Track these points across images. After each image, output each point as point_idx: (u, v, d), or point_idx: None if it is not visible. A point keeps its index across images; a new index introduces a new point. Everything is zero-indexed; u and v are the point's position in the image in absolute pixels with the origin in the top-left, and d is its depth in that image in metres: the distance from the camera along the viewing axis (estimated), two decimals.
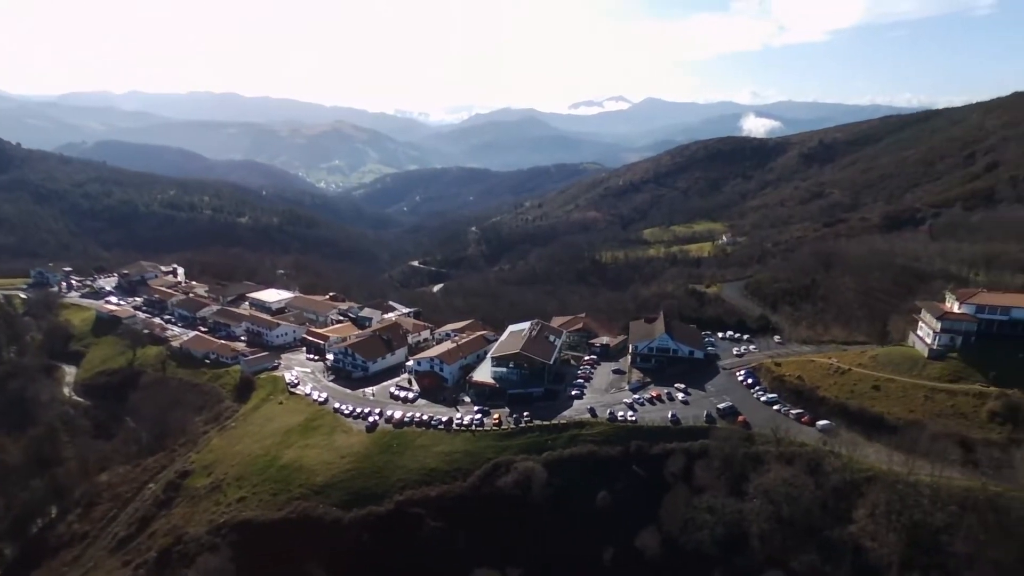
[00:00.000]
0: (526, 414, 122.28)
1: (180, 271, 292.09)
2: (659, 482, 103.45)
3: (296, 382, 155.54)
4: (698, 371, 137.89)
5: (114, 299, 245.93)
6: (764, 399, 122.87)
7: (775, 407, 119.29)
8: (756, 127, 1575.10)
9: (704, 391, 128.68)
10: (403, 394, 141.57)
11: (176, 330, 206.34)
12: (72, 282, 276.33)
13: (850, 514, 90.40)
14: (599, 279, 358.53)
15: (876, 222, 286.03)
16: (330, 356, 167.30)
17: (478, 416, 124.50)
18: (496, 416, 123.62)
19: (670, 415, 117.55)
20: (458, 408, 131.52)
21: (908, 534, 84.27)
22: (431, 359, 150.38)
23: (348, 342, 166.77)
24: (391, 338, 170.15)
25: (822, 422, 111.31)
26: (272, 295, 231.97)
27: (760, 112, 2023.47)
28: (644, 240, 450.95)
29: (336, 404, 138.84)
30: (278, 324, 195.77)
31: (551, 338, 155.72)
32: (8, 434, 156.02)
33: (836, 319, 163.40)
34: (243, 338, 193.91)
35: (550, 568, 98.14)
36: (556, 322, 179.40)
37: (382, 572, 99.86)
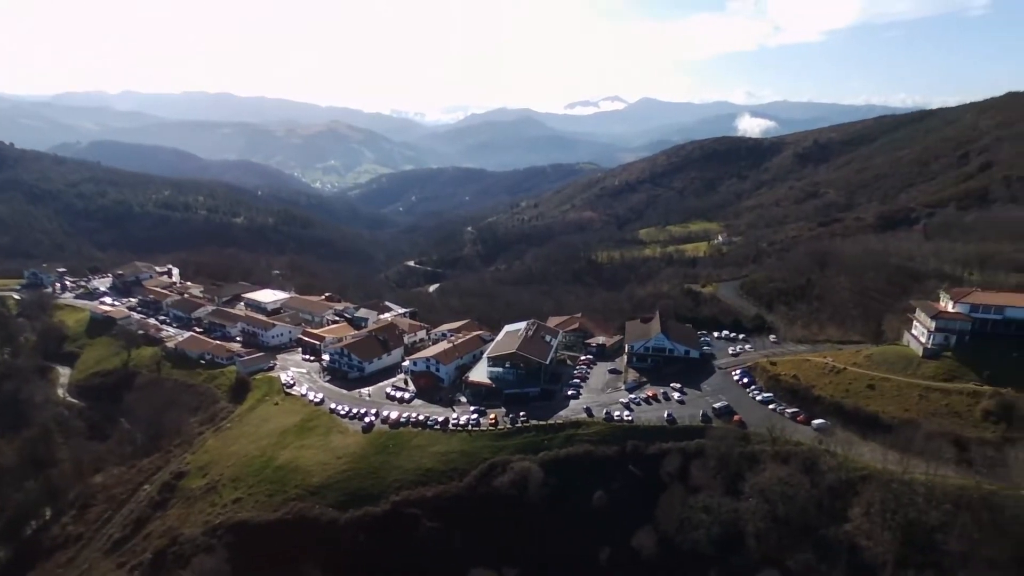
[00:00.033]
0: (522, 414, 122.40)
1: (175, 271, 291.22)
2: (655, 482, 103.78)
3: (292, 383, 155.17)
4: (694, 371, 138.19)
5: (108, 300, 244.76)
6: (760, 398, 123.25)
7: (771, 406, 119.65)
8: (751, 127, 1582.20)
9: (700, 391, 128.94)
10: (399, 394, 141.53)
11: (171, 331, 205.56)
12: (66, 283, 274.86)
13: (845, 513, 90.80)
14: (595, 279, 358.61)
15: (871, 222, 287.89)
16: (326, 356, 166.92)
17: (474, 416, 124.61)
18: (492, 416, 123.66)
19: (666, 415, 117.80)
20: (454, 408, 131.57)
21: (903, 532, 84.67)
22: (427, 359, 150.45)
23: (344, 342, 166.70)
24: (387, 338, 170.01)
25: (817, 421, 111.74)
26: (268, 295, 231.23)
27: (755, 112, 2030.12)
28: (640, 240, 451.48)
29: (332, 404, 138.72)
30: (274, 324, 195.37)
31: (547, 338, 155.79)
32: (2, 435, 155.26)
33: (831, 318, 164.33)
34: (239, 339, 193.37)
35: (547, 568, 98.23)
36: (552, 322, 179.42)
37: (378, 572, 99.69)
